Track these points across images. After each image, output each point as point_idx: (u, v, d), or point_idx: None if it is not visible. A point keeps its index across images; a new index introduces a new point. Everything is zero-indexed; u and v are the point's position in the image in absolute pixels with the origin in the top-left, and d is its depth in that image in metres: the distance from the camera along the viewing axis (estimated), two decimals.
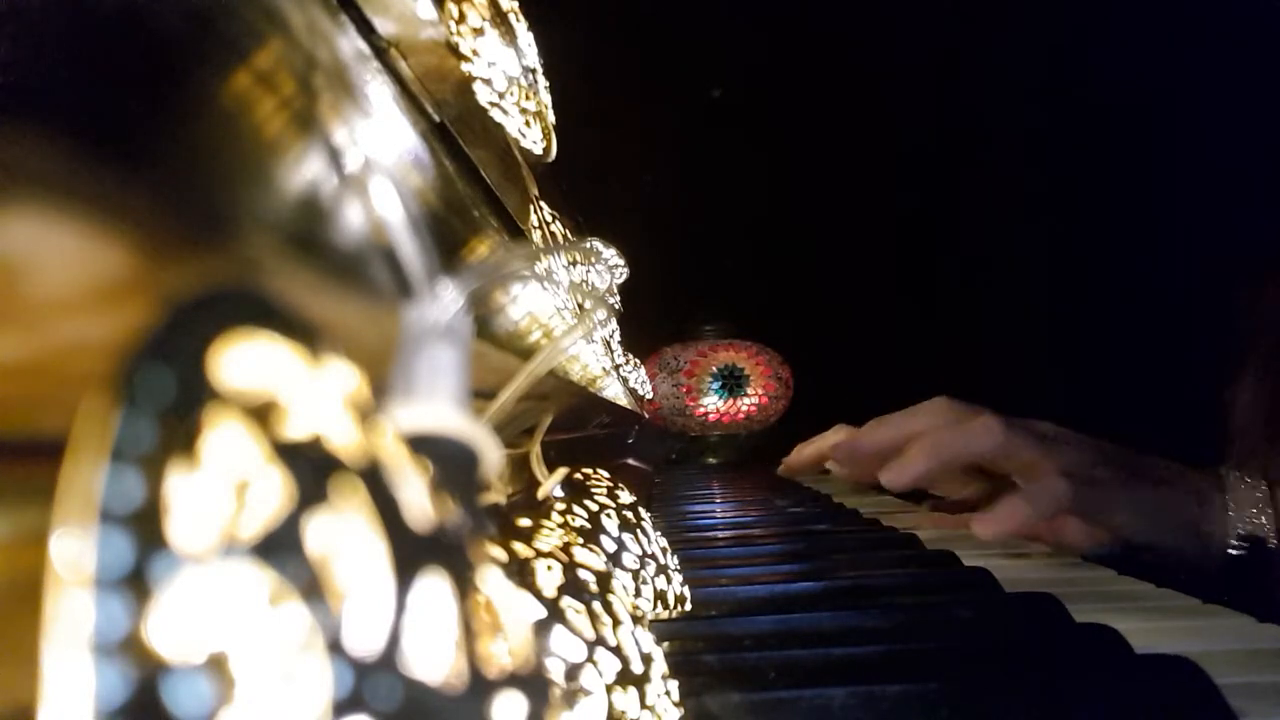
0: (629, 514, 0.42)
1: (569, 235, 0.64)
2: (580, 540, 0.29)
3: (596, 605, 0.26)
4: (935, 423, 0.72)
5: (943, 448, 0.70)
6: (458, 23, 0.34)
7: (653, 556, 0.42)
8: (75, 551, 0.08)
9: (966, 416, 0.71)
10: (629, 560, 0.40)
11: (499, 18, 0.37)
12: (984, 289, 1.57)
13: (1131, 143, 1.21)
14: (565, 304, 0.50)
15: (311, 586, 0.10)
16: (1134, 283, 1.18)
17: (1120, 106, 1.26)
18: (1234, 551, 0.67)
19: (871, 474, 0.76)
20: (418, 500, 0.12)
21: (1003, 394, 0.83)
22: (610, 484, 0.43)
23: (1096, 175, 1.33)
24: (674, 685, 0.28)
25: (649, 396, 1.70)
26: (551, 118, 0.44)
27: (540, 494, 0.40)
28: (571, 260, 0.56)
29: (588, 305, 0.54)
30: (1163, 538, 0.67)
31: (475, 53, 0.35)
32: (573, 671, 0.25)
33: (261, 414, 0.10)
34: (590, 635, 0.25)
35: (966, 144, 1.60)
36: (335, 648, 0.10)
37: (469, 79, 0.35)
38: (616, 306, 0.80)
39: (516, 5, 0.40)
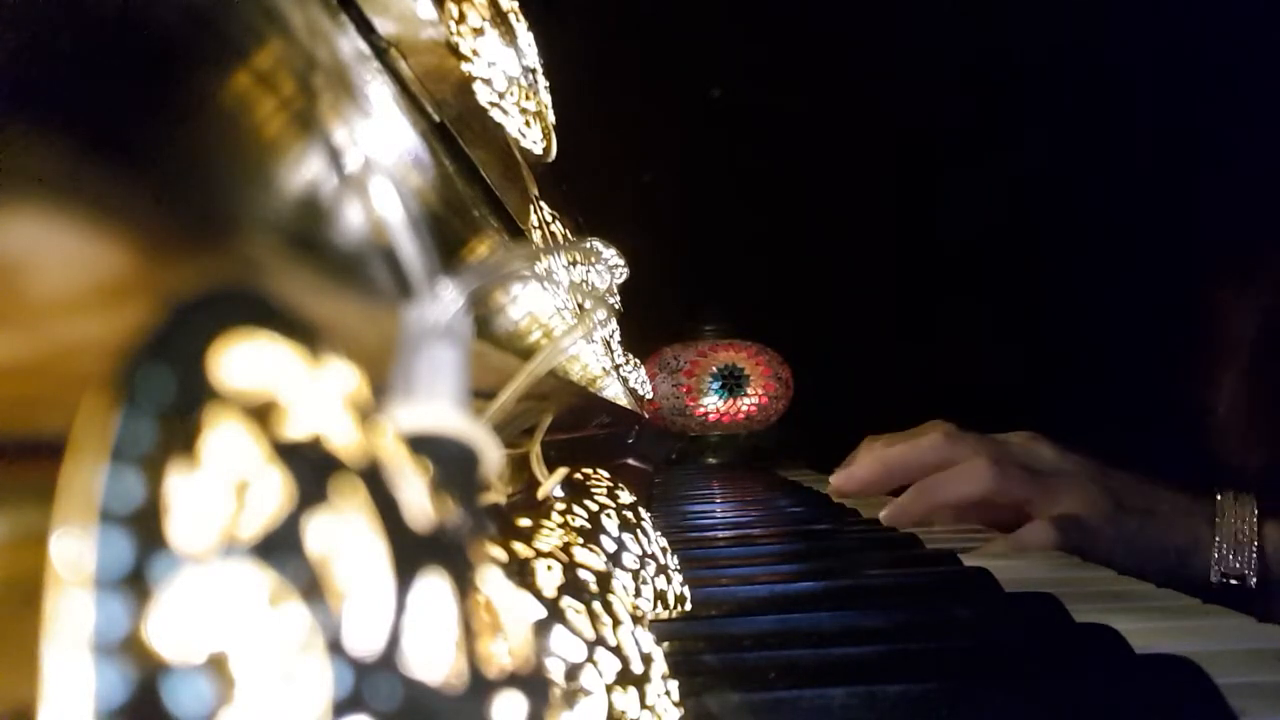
0: (629, 514, 0.42)
1: (569, 235, 0.64)
2: (580, 540, 0.29)
3: (596, 605, 0.26)
4: (929, 458, 0.76)
5: (935, 494, 0.75)
6: (458, 23, 0.34)
7: (653, 556, 0.42)
8: (75, 551, 0.08)
9: (961, 452, 0.75)
10: (629, 560, 0.40)
11: (499, 18, 0.37)
12: (984, 289, 1.57)
13: (1144, 148, 1.21)
14: (565, 304, 0.50)
15: (311, 586, 0.10)
16: (1136, 290, 1.18)
17: (1123, 111, 1.26)
18: (1216, 586, 0.69)
19: (871, 493, 0.80)
20: (418, 500, 0.12)
21: (1002, 395, 0.83)
22: (610, 484, 0.43)
23: (1099, 176, 1.33)
24: (674, 685, 0.28)
25: (649, 396, 1.69)
26: (551, 118, 0.44)
27: (540, 494, 0.40)
28: (571, 260, 0.56)
29: (588, 305, 0.54)
30: (1146, 567, 0.68)
31: (475, 53, 0.35)
32: (573, 671, 0.25)
33: (261, 414, 0.10)
34: (590, 635, 0.25)
35: (967, 145, 1.60)
36: (335, 648, 0.10)
37: (469, 79, 0.35)
38: (616, 306, 0.80)
39: (516, 5, 0.40)
